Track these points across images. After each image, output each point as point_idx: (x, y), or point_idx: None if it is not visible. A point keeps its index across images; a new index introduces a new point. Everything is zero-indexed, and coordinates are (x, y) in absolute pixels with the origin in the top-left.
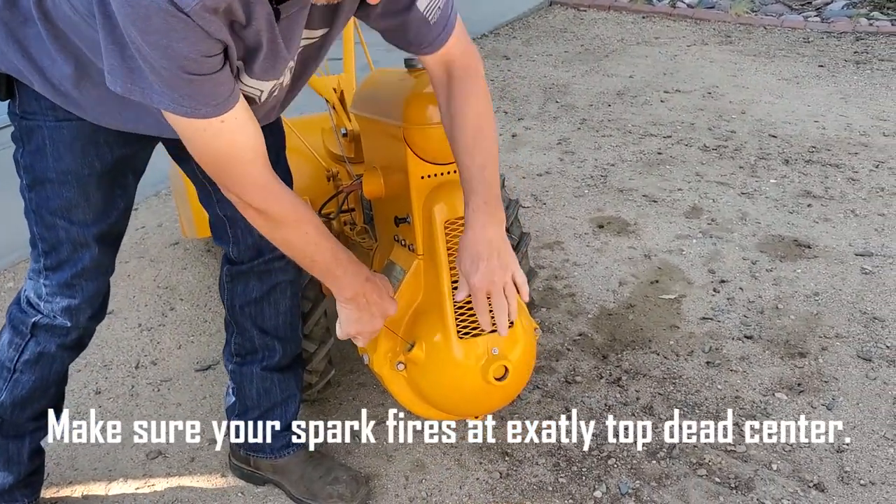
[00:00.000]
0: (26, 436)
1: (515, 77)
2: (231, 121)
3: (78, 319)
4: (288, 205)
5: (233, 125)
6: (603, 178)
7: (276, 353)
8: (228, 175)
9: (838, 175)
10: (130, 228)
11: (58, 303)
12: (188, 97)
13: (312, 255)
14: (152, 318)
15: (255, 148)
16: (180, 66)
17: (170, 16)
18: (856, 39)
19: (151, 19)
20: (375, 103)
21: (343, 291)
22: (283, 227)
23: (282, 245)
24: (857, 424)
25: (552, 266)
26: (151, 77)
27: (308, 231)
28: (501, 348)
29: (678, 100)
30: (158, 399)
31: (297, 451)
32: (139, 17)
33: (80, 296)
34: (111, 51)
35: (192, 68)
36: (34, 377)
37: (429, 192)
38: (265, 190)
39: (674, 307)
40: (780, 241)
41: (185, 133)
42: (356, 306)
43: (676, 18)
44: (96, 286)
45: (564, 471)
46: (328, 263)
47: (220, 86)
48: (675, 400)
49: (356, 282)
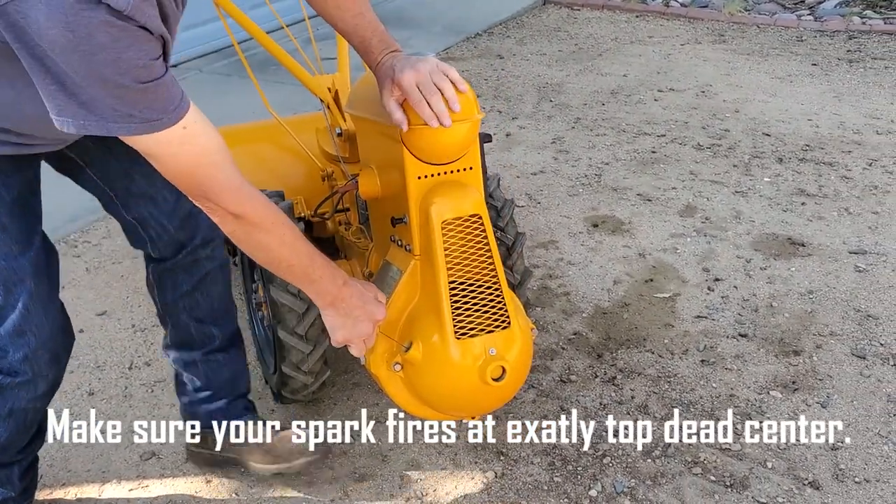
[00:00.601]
0: (15, 464)
1: (509, 76)
2: (192, 125)
3: (39, 367)
4: (263, 206)
5: (195, 129)
6: (597, 177)
7: (214, 339)
8: (203, 183)
9: (832, 173)
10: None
11: (13, 356)
12: (147, 109)
13: (289, 260)
14: (146, 318)
15: (221, 149)
16: (134, 77)
17: (111, 26)
18: (849, 38)
19: (95, 36)
20: (372, 103)
21: (321, 297)
22: (260, 230)
23: (258, 251)
24: (851, 422)
25: (547, 265)
26: (106, 102)
27: (285, 234)
28: (499, 349)
29: (672, 99)
30: (152, 400)
31: (255, 420)
32: (81, 39)
33: (35, 339)
34: (53, 92)
35: (144, 76)
36: (11, 428)
37: (426, 193)
38: (240, 192)
39: (668, 306)
40: (774, 240)
41: (154, 152)
42: (336, 312)
43: (670, 17)
44: (49, 323)
45: (560, 470)
46: (305, 268)
47: (172, 87)
48: (670, 398)
49: (333, 286)
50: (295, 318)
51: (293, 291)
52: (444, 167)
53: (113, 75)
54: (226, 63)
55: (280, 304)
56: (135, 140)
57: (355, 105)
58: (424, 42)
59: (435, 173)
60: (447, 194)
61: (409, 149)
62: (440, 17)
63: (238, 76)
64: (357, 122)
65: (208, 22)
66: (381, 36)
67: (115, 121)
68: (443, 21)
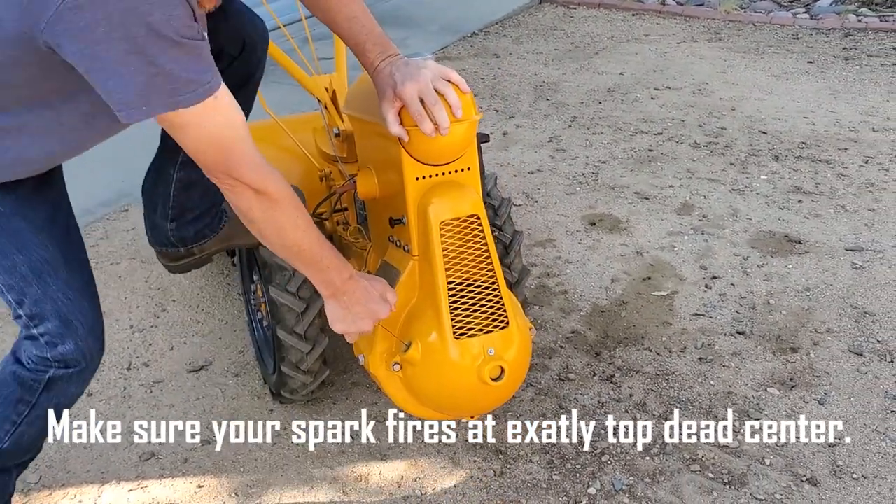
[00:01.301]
0: (13, 469)
1: (506, 75)
2: (223, 96)
3: (91, 355)
4: (284, 185)
5: (226, 100)
6: (594, 176)
7: None
8: (230, 155)
9: (828, 171)
10: (121, 230)
11: (63, 347)
12: (189, 72)
13: (301, 244)
14: (144, 319)
15: (245, 124)
16: (180, 32)
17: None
18: (844, 35)
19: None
20: (370, 103)
21: (326, 287)
22: (278, 209)
23: (272, 232)
24: (849, 419)
25: (544, 264)
26: (178, 63)
27: (299, 217)
28: (497, 348)
29: (668, 97)
30: (151, 400)
31: None
32: (143, 4)
33: (82, 327)
34: (124, 76)
35: (188, 32)
36: (41, 427)
37: (424, 193)
38: (261, 168)
39: (666, 304)
40: (771, 237)
41: (188, 127)
42: (338, 304)
43: (666, 16)
44: (92, 310)
45: (558, 468)
46: (314, 253)
47: (207, 53)
48: (669, 396)
49: (339, 278)
50: (294, 318)
51: (292, 291)
52: (443, 168)
53: (165, 30)
54: None
55: (279, 304)
56: (172, 118)
57: (353, 105)
58: (421, 41)
59: (433, 174)
60: (445, 195)
61: (407, 150)
62: (437, 17)
63: None
64: (355, 123)
65: None
66: (378, 39)
67: (160, 100)
68: (440, 20)
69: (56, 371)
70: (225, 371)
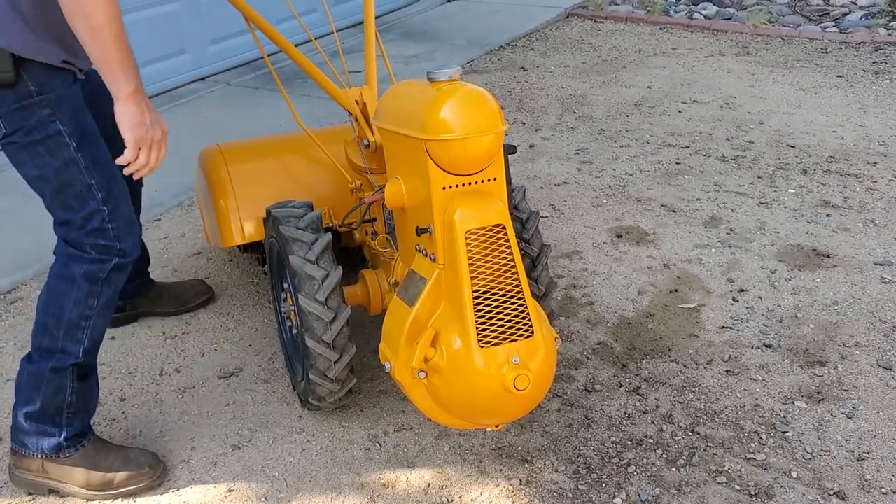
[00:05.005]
0: (95, 369)
1: (533, 88)
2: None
3: (138, 248)
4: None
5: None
6: (621, 188)
7: None
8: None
9: (857, 185)
10: (153, 239)
11: (125, 242)
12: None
13: (111, 22)
14: (176, 326)
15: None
16: None
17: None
18: (874, 49)
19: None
20: (398, 115)
21: (129, 82)
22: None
23: (87, 5)
24: (877, 433)
25: (571, 275)
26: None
27: (116, 8)
28: (522, 357)
29: (696, 110)
30: (182, 406)
31: None
32: None
33: (137, 225)
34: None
35: None
36: (106, 316)
37: (450, 203)
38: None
39: (693, 316)
40: (798, 251)
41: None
42: (138, 107)
43: (693, 30)
44: (133, 212)
45: (584, 478)
46: (120, 39)
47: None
48: (695, 408)
49: (137, 77)
50: (322, 327)
51: (321, 300)
52: (469, 178)
53: None
54: (254, 76)
55: (308, 313)
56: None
57: (382, 117)
58: (449, 55)
59: (459, 184)
60: (471, 204)
61: (434, 160)
62: (464, 31)
63: (265, 89)
64: (384, 134)
65: (236, 35)
66: None
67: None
68: (467, 34)
69: (118, 260)
70: (255, 378)
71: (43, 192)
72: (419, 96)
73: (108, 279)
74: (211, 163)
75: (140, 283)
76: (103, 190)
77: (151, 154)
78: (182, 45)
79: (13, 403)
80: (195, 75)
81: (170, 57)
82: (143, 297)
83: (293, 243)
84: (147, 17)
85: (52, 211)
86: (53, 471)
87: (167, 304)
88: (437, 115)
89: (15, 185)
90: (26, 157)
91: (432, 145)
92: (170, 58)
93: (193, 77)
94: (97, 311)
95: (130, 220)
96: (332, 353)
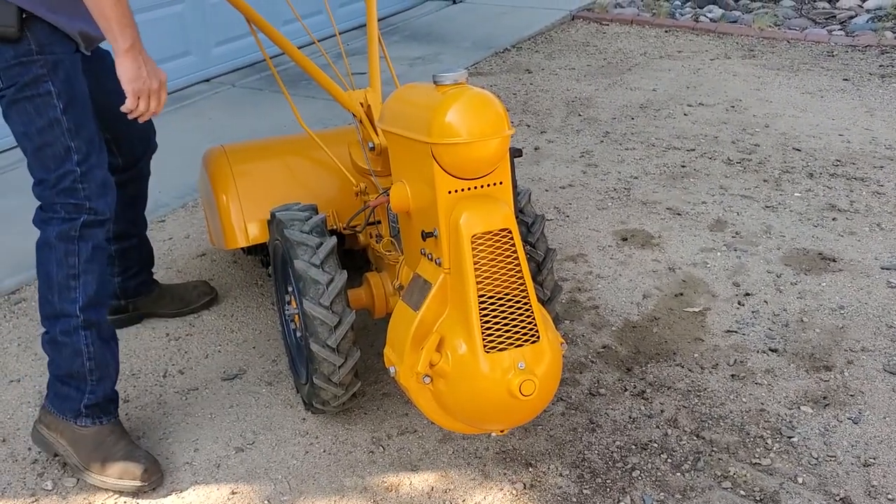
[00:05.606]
0: (114, 334)
1: (538, 91)
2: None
3: (112, 210)
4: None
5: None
6: (626, 191)
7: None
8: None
9: (863, 188)
10: (157, 240)
11: (96, 202)
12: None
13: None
14: (179, 327)
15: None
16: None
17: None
18: (881, 53)
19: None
20: (404, 118)
21: (124, 40)
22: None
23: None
24: (884, 438)
25: (576, 278)
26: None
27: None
28: (528, 362)
29: (701, 113)
30: (185, 408)
31: None
32: None
33: (112, 190)
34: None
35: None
36: (95, 272)
37: (456, 207)
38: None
39: (698, 320)
40: (804, 255)
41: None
42: (136, 60)
43: (699, 32)
44: (111, 178)
45: (589, 482)
46: None
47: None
48: (700, 413)
49: (135, 32)
50: (327, 331)
51: (325, 304)
52: (475, 182)
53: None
54: (258, 78)
55: (312, 317)
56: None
57: (388, 120)
58: (454, 57)
59: (465, 188)
60: (477, 208)
61: (440, 164)
62: (469, 33)
63: (269, 90)
64: (389, 137)
65: (241, 37)
66: None
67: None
68: (472, 36)
69: (87, 217)
70: (258, 380)
71: (25, 149)
72: (425, 100)
73: (81, 236)
74: (215, 164)
75: (142, 282)
76: (80, 153)
77: (151, 102)
78: (187, 47)
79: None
80: (200, 77)
81: (174, 58)
82: (145, 297)
83: (298, 247)
84: (152, 18)
85: (31, 170)
86: (67, 435)
87: (170, 305)
88: (443, 119)
89: (19, 186)
90: (14, 113)
91: (438, 149)
92: (174, 59)
93: (198, 78)
94: (81, 268)
95: (104, 183)
96: (337, 358)
